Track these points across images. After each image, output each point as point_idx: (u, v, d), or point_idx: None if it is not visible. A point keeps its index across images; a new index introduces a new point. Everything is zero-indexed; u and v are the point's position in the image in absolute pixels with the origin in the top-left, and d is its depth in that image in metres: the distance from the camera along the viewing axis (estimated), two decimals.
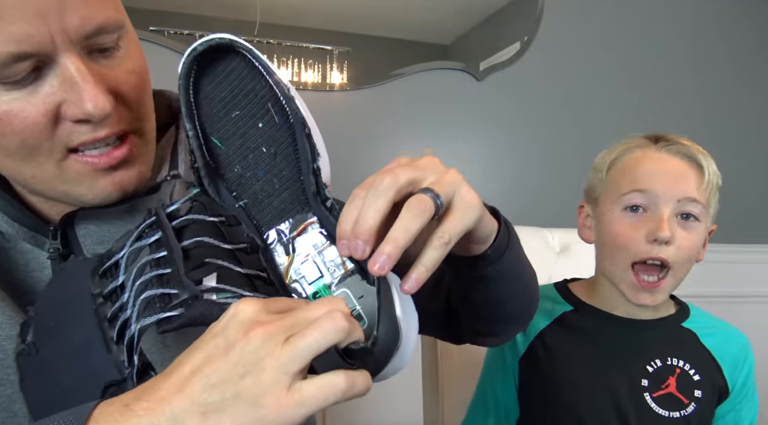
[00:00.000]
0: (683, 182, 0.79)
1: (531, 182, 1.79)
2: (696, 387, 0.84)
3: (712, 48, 1.99)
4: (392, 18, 1.65)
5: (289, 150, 0.49)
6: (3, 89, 0.44)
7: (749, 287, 1.92)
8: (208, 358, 0.36)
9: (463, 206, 0.44)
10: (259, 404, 0.34)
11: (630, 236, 0.80)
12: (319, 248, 0.47)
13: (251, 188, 0.49)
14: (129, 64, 0.49)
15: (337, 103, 1.64)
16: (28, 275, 0.54)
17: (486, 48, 1.76)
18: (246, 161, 0.49)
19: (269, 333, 0.36)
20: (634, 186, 0.81)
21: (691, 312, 0.90)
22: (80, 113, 0.45)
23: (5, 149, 0.47)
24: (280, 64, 1.57)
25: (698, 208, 0.80)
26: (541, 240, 1.20)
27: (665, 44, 1.94)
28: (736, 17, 2.03)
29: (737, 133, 2.01)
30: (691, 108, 1.96)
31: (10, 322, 0.50)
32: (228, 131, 0.49)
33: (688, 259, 0.81)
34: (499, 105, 1.77)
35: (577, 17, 1.84)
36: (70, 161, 0.48)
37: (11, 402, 0.51)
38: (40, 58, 0.43)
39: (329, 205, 0.47)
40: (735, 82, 2.02)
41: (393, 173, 0.42)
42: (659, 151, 0.83)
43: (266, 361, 0.35)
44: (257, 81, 0.48)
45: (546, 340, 0.87)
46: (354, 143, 1.65)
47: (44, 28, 0.42)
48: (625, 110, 1.89)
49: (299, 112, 0.48)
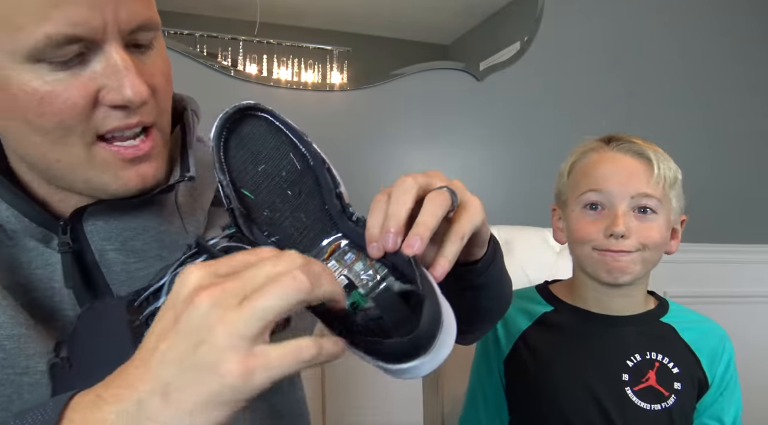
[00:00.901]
0: (635, 179, 0.85)
1: (531, 182, 1.79)
2: (675, 380, 0.86)
3: (712, 48, 2.00)
4: (392, 18, 1.65)
5: (312, 187, 0.55)
6: (49, 69, 0.46)
7: (749, 287, 1.93)
8: (162, 334, 0.35)
9: (471, 206, 0.49)
10: (219, 372, 0.33)
11: (590, 230, 0.86)
12: (350, 263, 0.51)
13: (281, 226, 0.54)
14: (159, 64, 0.52)
15: (337, 103, 1.64)
16: (32, 273, 0.54)
17: (486, 48, 1.76)
18: (274, 205, 0.54)
19: (215, 297, 0.34)
20: (590, 187, 0.87)
21: (670, 308, 0.93)
22: (120, 99, 0.48)
23: (40, 129, 0.48)
24: (280, 64, 1.57)
25: (653, 202, 0.85)
26: (541, 240, 1.21)
27: (665, 44, 1.94)
28: (737, 18, 2.03)
29: (737, 133, 2.01)
30: (690, 108, 1.97)
31: (11, 322, 0.50)
32: (256, 182, 0.54)
33: (654, 247, 0.85)
34: (499, 105, 1.77)
35: (577, 17, 1.85)
36: (98, 148, 0.50)
37: (10, 402, 0.51)
38: (89, 43, 0.46)
39: (355, 218, 0.52)
40: (735, 83, 2.02)
41: (412, 176, 0.47)
42: (612, 150, 0.88)
43: (217, 327, 0.33)
44: (278, 137, 0.55)
45: (528, 341, 0.90)
46: (354, 143, 1.65)
47: (99, 16, 0.45)
48: (625, 110, 1.89)
49: (318, 153, 0.54)
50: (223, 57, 1.52)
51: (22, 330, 0.50)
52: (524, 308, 0.92)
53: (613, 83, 1.88)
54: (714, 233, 1.91)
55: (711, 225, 1.92)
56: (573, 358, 0.87)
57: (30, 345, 0.51)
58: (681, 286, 1.79)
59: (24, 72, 0.46)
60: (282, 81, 1.57)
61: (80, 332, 0.49)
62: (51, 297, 0.54)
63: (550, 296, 0.94)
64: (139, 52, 0.50)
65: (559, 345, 0.89)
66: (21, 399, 0.50)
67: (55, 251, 0.54)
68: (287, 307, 0.34)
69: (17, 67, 0.45)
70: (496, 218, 1.46)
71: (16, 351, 0.50)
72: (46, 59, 0.45)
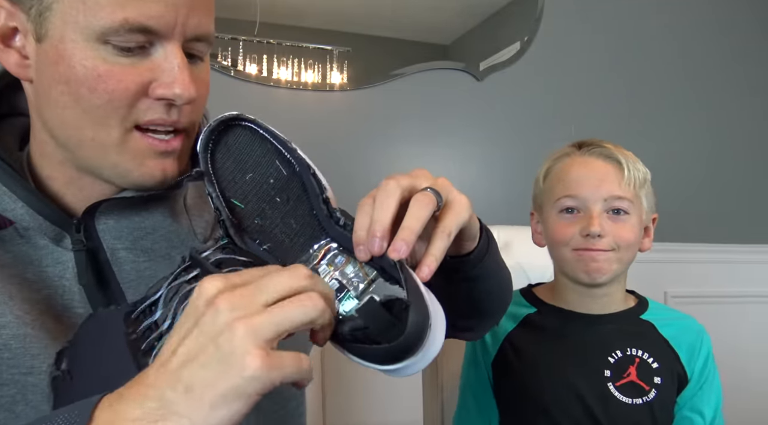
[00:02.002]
0: (607, 182, 0.89)
1: (531, 182, 1.79)
2: (655, 374, 0.89)
3: (712, 48, 2.00)
4: (392, 18, 1.65)
5: (300, 193, 0.56)
6: (112, 52, 0.49)
7: (748, 287, 1.93)
8: (183, 337, 0.38)
9: (457, 204, 0.50)
10: (242, 364, 0.35)
11: (567, 232, 0.90)
12: (340, 266, 0.52)
13: (272, 233, 0.55)
14: (204, 75, 0.56)
15: (337, 103, 1.64)
16: (43, 271, 0.55)
17: (486, 48, 1.76)
18: (264, 212, 0.56)
19: (234, 301, 0.37)
20: (565, 192, 0.91)
21: (650, 306, 0.96)
22: (169, 93, 0.51)
23: (87, 104, 0.50)
24: (280, 64, 1.57)
25: (625, 203, 0.89)
26: None
27: (665, 44, 1.94)
28: (737, 18, 2.03)
29: (736, 133, 2.01)
30: (689, 107, 1.97)
31: (17, 321, 0.51)
32: (244, 191, 0.56)
33: (628, 246, 0.89)
34: (499, 105, 1.77)
35: (577, 17, 1.85)
36: (134, 135, 0.53)
37: (14, 402, 0.51)
38: (156, 37, 0.49)
39: (342, 223, 0.53)
40: (735, 82, 2.02)
41: (395, 179, 0.48)
42: (583, 155, 0.92)
43: (239, 325, 0.36)
44: (263, 145, 0.56)
45: (514, 342, 0.93)
46: (354, 143, 1.65)
47: (173, 15, 0.49)
48: (625, 109, 1.89)
49: (304, 159, 0.56)
50: (223, 57, 1.52)
51: (28, 330, 0.51)
52: (509, 311, 0.95)
53: (613, 83, 1.88)
54: (714, 233, 1.91)
55: (710, 225, 1.92)
56: (556, 357, 0.90)
57: (35, 344, 0.51)
58: (681, 286, 1.79)
59: (89, 49, 0.48)
60: (282, 81, 1.57)
61: (80, 344, 0.50)
62: (61, 295, 0.55)
63: (534, 299, 0.97)
64: (190, 60, 0.53)
65: (542, 345, 0.91)
66: (25, 399, 0.51)
67: (65, 249, 0.55)
68: (304, 321, 0.38)
69: (84, 43, 0.48)
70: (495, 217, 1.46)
71: (21, 351, 0.51)
72: (113, 42, 0.48)
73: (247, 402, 0.36)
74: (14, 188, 0.53)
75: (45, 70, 0.50)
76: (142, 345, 0.46)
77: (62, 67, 0.49)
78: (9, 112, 0.60)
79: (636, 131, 1.89)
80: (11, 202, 0.53)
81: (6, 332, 0.51)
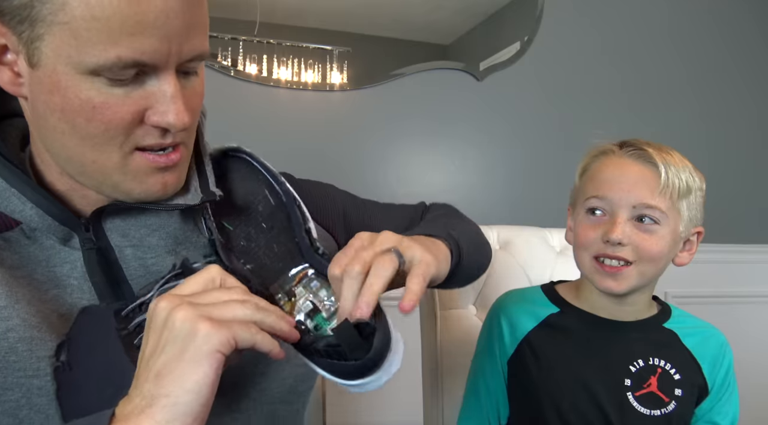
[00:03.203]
0: (638, 188, 0.83)
1: (531, 182, 1.79)
2: (676, 386, 0.86)
3: (712, 48, 2.00)
4: (392, 18, 1.65)
5: (284, 222, 0.62)
6: (106, 83, 0.49)
7: (749, 287, 1.93)
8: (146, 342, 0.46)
9: (423, 264, 0.53)
10: (195, 331, 0.43)
11: (589, 236, 0.86)
12: (315, 290, 0.58)
13: (255, 255, 0.60)
14: (197, 87, 0.56)
15: (337, 103, 1.64)
16: (51, 270, 0.56)
17: (486, 48, 1.76)
18: (250, 236, 0.61)
19: (172, 299, 0.45)
20: (594, 192, 0.86)
21: (673, 313, 0.93)
22: (163, 122, 0.51)
23: (84, 133, 0.51)
24: (280, 64, 1.57)
25: (656, 213, 0.82)
26: (541, 240, 1.20)
27: (665, 44, 1.94)
28: (738, 18, 2.03)
29: (737, 134, 2.01)
30: (690, 108, 1.97)
31: (24, 324, 0.51)
32: (234, 214, 0.61)
33: (650, 259, 0.83)
34: (499, 105, 1.77)
35: (577, 17, 1.85)
36: (135, 156, 0.53)
37: (18, 407, 0.51)
38: (149, 68, 0.50)
39: (321, 252, 0.59)
40: (737, 83, 2.02)
41: (359, 259, 0.51)
42: (621, 156, 0.86)
43: (177, 309, 0.44)
44: (255, 176, 0.63)
45: (533, 342, 0.90)
46: (354, 143, 1.65)
47: (167, 47, 0.49)
48: (625, 109, 1.89)
49: (291, 192, 0.62)
50: (223, 57, 1.52)
51: (34, 333, 0.52)
52: (530, 310, 0.92)
53: (613, 83, 1.88)
54: (714, 233, 1.91)
55: (711, 226, 1.92)
56: (576, 362, 0.87)
57: (41, 347, 0.52)
58: (681, 286, 1.79)
59: (83, 81, 0.48)
60: (282, 81, 1.57)
61: (77, 337, 0.53)
62: (70, 294, 0.56)
63: (556, 298, 0.94)
64: (183, 77, 0.53)
65: (563, 348, 0.88)
66: (30, 403, 0.51)
67: (72, 249, 0.56)
68: (237, 315, 0.45)
69: (78, 76, 0.48)
70: (495, 217, 1.46)
71: (27, 354, 0.51)
72: (105, 75, 0.48)
73: (211, 361, 0.43)
74: (23, 189, 0.53)
75: (40, 96, 0.50)
76: (135, 339, 0.52)
77: (57, 97, 0.49)
78: (8, 113, 0.61)
79: (636, 131, 1.88)
80: (20, 203, 0.53)
81: (13, 335, 0.51)
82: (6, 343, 0.51)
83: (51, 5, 0.45)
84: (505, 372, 0.92)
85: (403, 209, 0.83)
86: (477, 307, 1.13)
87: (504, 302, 0.94)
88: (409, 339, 1.00)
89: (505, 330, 0.92)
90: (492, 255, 0.82)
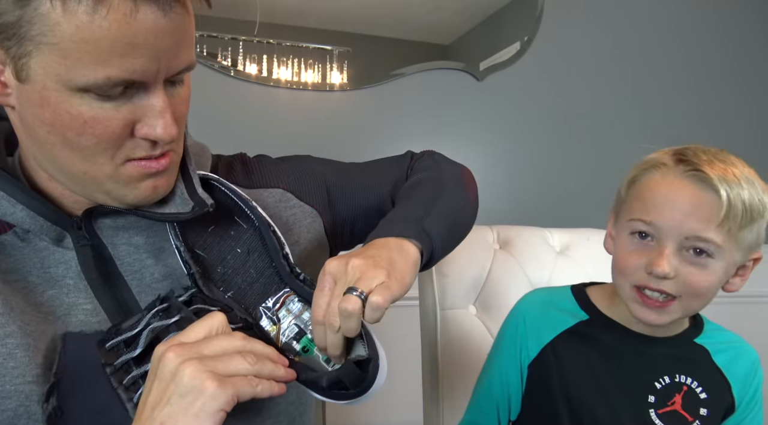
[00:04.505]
0: (694, 218, 0.72)
1: (531, 182, 1.79)
2: (702, 406, 0.83)
3: (714, 48, 2.00)
4: (392, 18, 1.65)
5: (258, 245, 0.62)
6: (95, 99, 0.49)
7: (750, 287, 1.92)
8: (149, 390, 0.47)
9: (383, 289, 0.53)
10: (202, 389, 0.44)
11: (631, 263, 0.77)
12: (297, 313, 0.59)
13: (234, 281, 0.61)
14: (184, 94, 0.56)
15: (337, 103, 1.64)
16: (46, 271, 0.56)
17: (486, 48, 1.76)
18: (225, 261, 0.61)
19: (179, 350, 0.46)
20: (641, 215, 0.76)
21: (705, 327, 0.88)
22: (152, 135, 0.52)
23: (75, 145, 0.51)
24: (280, 64, 1.57)
25: (711, 247, 0.73)
26: (541, 240, 1.20)
27: (666, 44, 1.94)
28: (739, 16, 2.03)
29: (741, 134, 2.01)
30: (691, 107, 1.97)
31: (20, 331, 0.52)
32: (207, 242, 0.61)
33: (697, 294, 0.76)
34: (499, 105, 1.77)
35: (577, 17, 1.85)
36: (127, 166, 0.54)
37: (16, 416, 0.51)
38: (138, 84, 0.50)
39: (302, 278, 0.60)
40: (739, 82, 2.02)
41: (333, 314, 0.52)
42: (677, 175, 0.75)
43: (186, 364, 0.45)
44: (224, 201, 0.62)
45: (557, 348, 0.85)
46: (354, 143, 1.65)
47: (156, 66, 0.49)
48: (625, 110, 1.89)
49: (263, 216, 0.61)
50: (223, 57, 1.52)
51: (30, 340, 0.52)
52: (557, 315, 0.87)
53: (614, 83, 1.88)
54: None
55: None
56: (600, 373, 0.83)
57: (38, 356, 0.52)
58: None
59: (73, 97, 0.49)
60: (282, 81, 1.57)
61: (65, 375, 0.54)
62: (67, 294, 0.56)
63: (587, 304, 0.88)
64: (171, 87, 0.54)
65: (587, 358, 0.84)
66: (28, 412, 0.51)
67: (65, 249, 0.57)
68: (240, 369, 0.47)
69: (67, 92, 0.48)
70: (495, 217, 1.46)
71: (26, 360, 0.51)
72: (95, 91, 0.49)
73: (216, 419, 0.44)
74: (11, 191, 0.54)
75: (29, 109, 0.50)
76: (124, 379, 0.52)
77: (47, 111, 0.49)
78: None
79: (636, 130, 1.89)
80: (10, 206, 0.54)
81: (11, 341, 0.51)
82: (4, 349, 0.51)
83: (40, 26, 0.45)
84: (525, 375, 0.88)
85: (387, 171, 0.82)
86: (477, 307, 1.13)
87: (530, 303, 0.90)
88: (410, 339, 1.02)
89: (529, 332, 0.88)
90: (476, 216, 0.81)
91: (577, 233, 1.22)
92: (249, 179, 0.71)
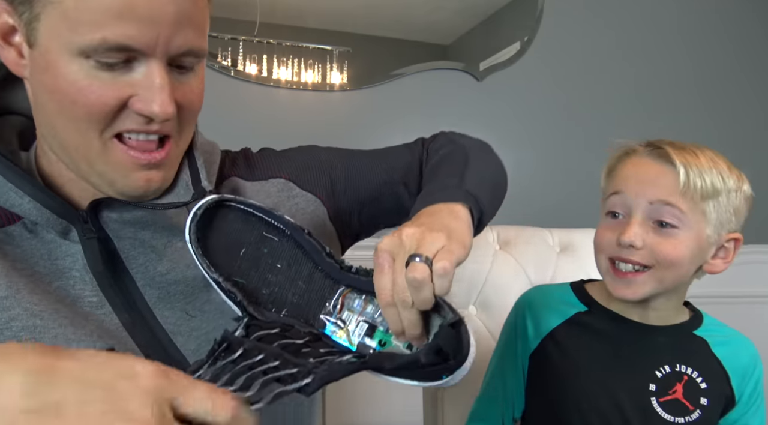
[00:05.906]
0: (655, 185, 0.80)
1: (531, 182, 1.79)
2: (702, 395, 0.85)
3: (716, 47, 2.00)
4: (392, 18, 1.65)
5: (297, 253, 0.58)
6: (94, 67, 0.49)
7: (750, 287, 1.92)
8: None
9: (447, 252, 0.50)
10: None
11: (605, 238, 0.84)
12: (361, 309, 0.55)
13: (284, 299, 0.57)
14: (194, 85, 0.56)
15: (337, 103, 1.64)
16: (53, 263, 0.57)
17: (486, 48, 1.76)
18: (268, 282, 0.57)
19: None
20: (612, 189, 0.84)
21: (704, 320, 0.90)
22: (146, 111, 0.51)
23: (69, 115, 0.51)
24: (280, 64, 1.57)
25: (674, 212, 0.79)
26: (541, 240, 1.20)
27: (666, 44, 1.94)
28: (741, 15, 2.03)
29: (743, 134, 2.01)
30: (692, 107, 1.97)
31: (26, 313, 0.52)
32: (242, 267, 0.57)
33: (669, 265, 0.80)
34: (499, 105, 1.77)
35: (577, 17, 1.85)
36: (115, 145, 0.53)
37: None
38: (137, 54, 0.50)
39: (354, 270, 0.55)
40: (740, 80, 2.02)
41: (401, 288, 0.48)
42: (642, 156, 0.84)
43: None
44: (247, 219, 0.58)
45: (557, 338, 0.88)
46: (354, 143, 1.65)
47: (153, 34, 0.49)
48: (625, 110, 1.89)
49: (292, 223, 0.57)
50: (223, 57, 1.52)
51: (37, 321, 0.52)
52: (557, 306, 0.90)
53: (614, 83, 1.88)
54: None
55: None
56: (601, 363, 0.85)
57: (45, 335, 0.52)
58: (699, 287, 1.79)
59: (72, 63, 0.49)
60: (282, 81, 1.57)
61: None
62: (72, 286, 0.57)
63: (586, 297, 0.91)
64: (178, 72, 0.54)
65: (588, 347, 0.87)
66: None
67: (72, 242, 0.57)
68: None
69: (68, 56, 0.49)
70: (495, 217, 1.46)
71: (31, 342, 0.51)
72: (94, 58, 0.49)
73: None
74: (20, 183, 0.54)
75: (36, 75, 0.52)
76: None
77: (49, 76, 0.50)
78: (3, 111, 0.61)
79: (637, 131, 1.88)
80: (18, 198, 0.54)
81: (16, 324, 0.52)
82: (10, 333, 0.51)
83: None
84: (526, 367, 0.90)
85: (397, 156, 0.81)
86: (477, 307, 1.13)
87: (530, 297, 0.93)
88: None
89: (529, 324, 0.90)
90: (507, 174, 0.79)
91: (577, 233, 1.22)
92: (251, 173, 0.71)
